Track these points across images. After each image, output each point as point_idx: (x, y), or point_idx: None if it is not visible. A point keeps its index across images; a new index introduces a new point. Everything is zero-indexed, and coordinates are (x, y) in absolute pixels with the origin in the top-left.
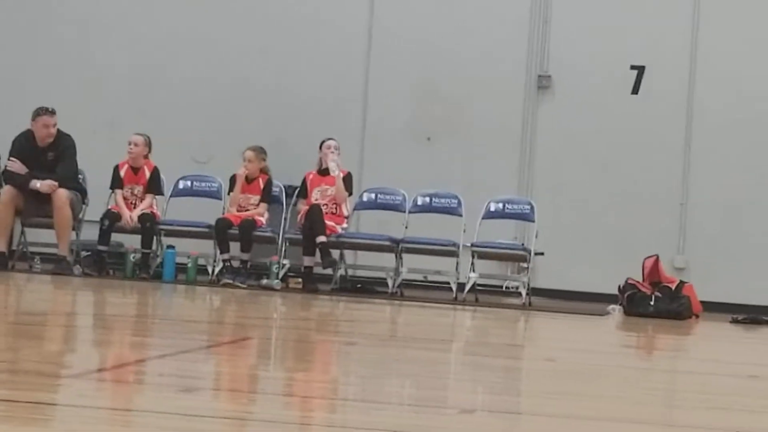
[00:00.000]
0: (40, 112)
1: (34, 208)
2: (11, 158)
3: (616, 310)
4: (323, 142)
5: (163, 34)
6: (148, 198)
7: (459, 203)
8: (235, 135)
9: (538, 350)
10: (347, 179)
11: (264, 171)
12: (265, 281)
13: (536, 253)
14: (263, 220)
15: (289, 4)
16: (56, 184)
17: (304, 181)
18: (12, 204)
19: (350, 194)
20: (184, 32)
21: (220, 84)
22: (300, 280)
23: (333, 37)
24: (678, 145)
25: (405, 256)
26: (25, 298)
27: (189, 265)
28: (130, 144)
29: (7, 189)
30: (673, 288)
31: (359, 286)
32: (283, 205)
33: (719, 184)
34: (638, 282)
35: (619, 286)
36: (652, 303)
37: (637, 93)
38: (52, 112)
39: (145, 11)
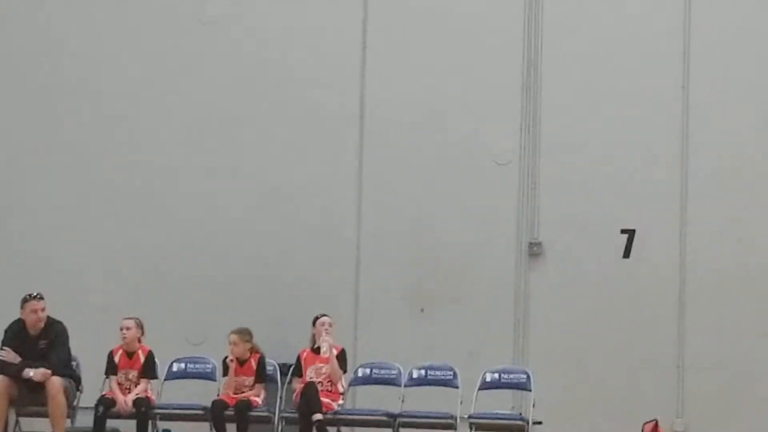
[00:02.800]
0: (28, 298)
1: (29, 397)
2: (4, 348)
3: None
4: (316, 318)
5: (154, 219)
6: (143, 383)
7: (454, 375)
8: (229, 315)
9: None
10: (341, 357)
11: (255, 350)
12: None
13: (534, 422)
14: (259, 400)
15: (279, 181)
16: (49, 372)
17: (298, 359)
18: (6, 393)
19: (345, 372)
20: (174, 218)
21: (211, 264)
22: None
23: (324, 214)
24: (672, 307)
25: (402, 430)
26: None
27: None
28: (122, 329)
29: (1, 379)
30: None
31: None
32: (278, 383)
33: (715, 346)
34: None
35: None
36: None
37: (628, 257)
38: (40, 298)
39: (136, 198)
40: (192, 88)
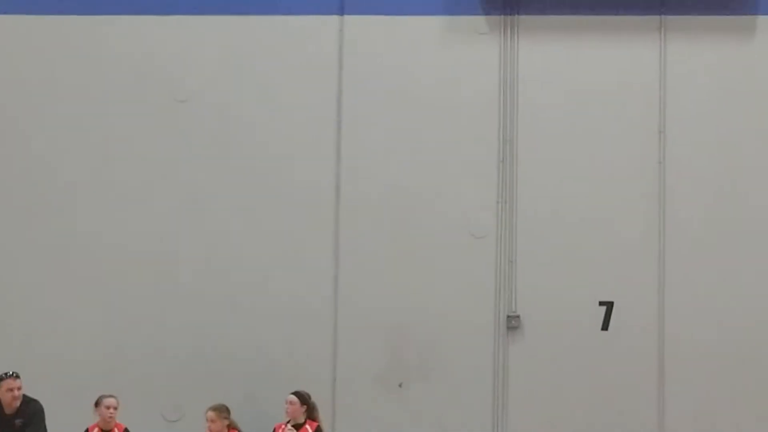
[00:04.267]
0: (4, 376)
1: None
2: None
3: None
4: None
5: (128, 296)
6: None
7: None
8: (205, 391)
9: None
10: None
11: (232, 426)
12: None
13: None
14: None
15: (254, 260)
16: None
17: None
18: None
19: None
20: (149, 295)
21: (187, 340)
22: None
23: (300, 289)
24: (651, 379)
25: None
26: None
27: None
28: (108, 408)
29: None
30: None
31: None
32: None
33: (694, 418)
34: None
35: None
36: None
37: (607, 329)
38: (16, 376)
39: (109, 277)
40: (166, 167)
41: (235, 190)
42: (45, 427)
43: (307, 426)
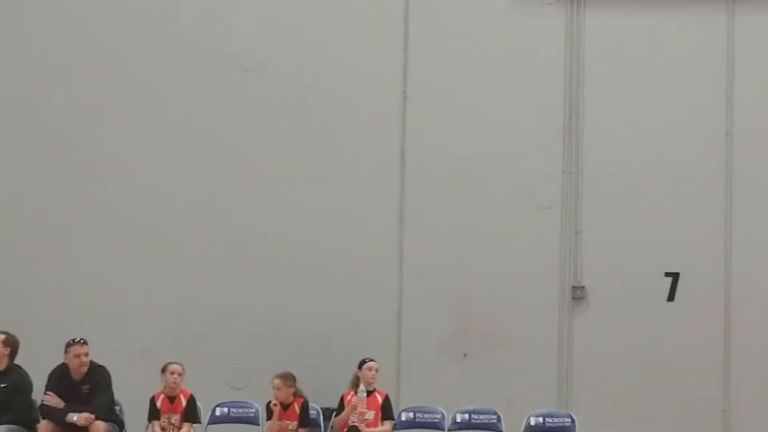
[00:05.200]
0: (71, 342)
1: None
2: (47, 392)
3: None
4: (363, 362)
5: (197, 264)
6: (186, 427)
7: (498, 419)
8: (271, 359)
9: None
10: (386, 404)
11: (298, 395)
12: None
13: None
14: None
15: (320, 228)
16: (93, 416)
17: (341, 401)
18: None
19: (392, 419)
20: (217, 263)
21: (253, 309)
22: None
23: (365, 260)
24: (717, 350)
25: None
26: None
27: None
28: (172, 374)
29: (45, 424)
30: None
31: None
32: (321, 428)
33: (762, 390)
34: None
35: None
36: None
37: (672, 300)
38: (83, 343)
39: (178, 246)
40: (229, 138)
41: (300, 160)
42: (112, 393)
43: (377, 394)
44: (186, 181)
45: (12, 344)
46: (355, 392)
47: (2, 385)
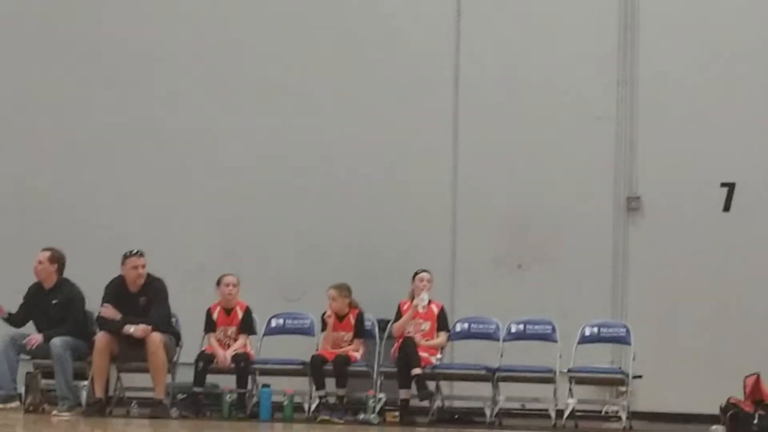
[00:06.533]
0: (128, 254)
1: (129, 353)
2: (105, 304)
3: (719, 430)
4: (416, 273)
5: (251, 177)
6: (242, 338)
7: (553, 329)
8: (325, 270)
9: None
10: (441, 315)
11: (353, 305)
12: (362, 416)
13: (634, 377)
14: (358, 355)
15: (377, 144)
16: (150, 328)
17: (399, 310)
18: (107, 350)
19: (447, 331)
20: (271, 177)
21: (308, 222)
22: (397, 413)
23: (420, 171)
24: None
25: (501, 384)
26: None
27: (285, 403)
28: (227, 285)
29: (102, 335)
30: None
31: (457, 417)
32: (376, 338)
33: None
34: (740, 401)
35: (721, 406)
36: (755, 422)
37: (728, 210)
38: (140, 254)
39: (235, 159)
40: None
41: (353, 79)
42: (168, 305)
43: (433, 306)
44: (240, 98)
45: (58, 259)
46: (412, 301)
47: (54, 301)
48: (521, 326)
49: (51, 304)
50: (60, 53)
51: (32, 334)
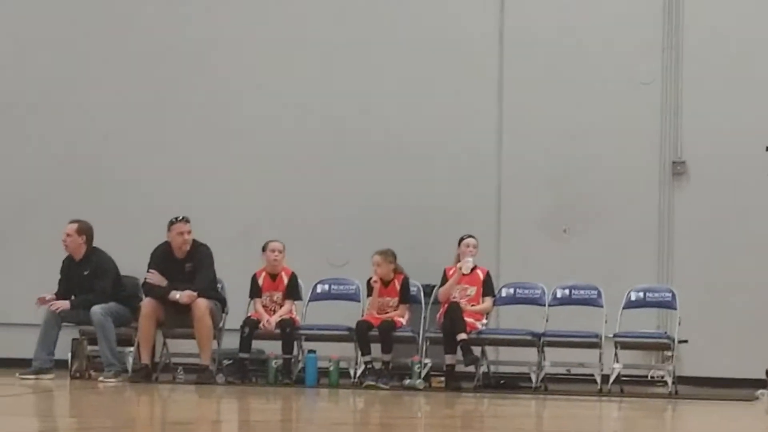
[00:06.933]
0: (174, 221)
1: (175, 319)
2: (150, 270)
3: (765, 394)
4: (462, 239)
5: (296, 143)
6: (287, 304)
7: (599, 294)
8: (370, 237)
9: None
10: (487, 280)
11: (398, 271)
12: (407, 381)
13: (680, 341)
14: (403, 321)
15: (421, 107)
16: (195, 294)
17: (444, 275)
18: (153, 316)
19: (493, 296)
20: (316, 141)
21: (353, 187)
22: (442, 378)
23: (464, 138)
24: None
25: (547, 349)
26: (170, 408)
27: (331, 368)
28: (274, 251)
29: (148, 301)
30: None
31: (502, 382)
32: (421, 304)
33: None
34: None
35: (767, 370)
36: None
37: None
38: (186, 221)
39: (279, 125)
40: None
41: (397, 41)
42: (214, 271)
43: (478, 271)
44: (286, 62)
45: (86, 231)
46: (459, 267)
47: (85, 272)
48: (566, 291)
49: (83, 275)
50: (109, 21)
51: (57, 300)
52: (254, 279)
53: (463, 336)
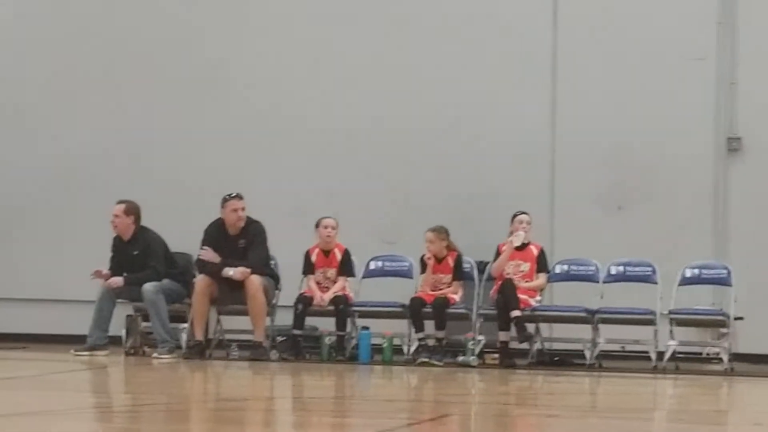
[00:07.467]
0: (228, 197)
1: (229, 296)
2: (204, 247)
3: None
4: (515, 215)
5: (347, 123)
6: (341, 280)
7: (654, 271)
8: (424, 213)
9: (744, 415)
10: (541, 256)
11: (451, 248)
12: (461, 358)
13: (736, 318)
14: (457, 297)
15: (475, 86)
16: (249, 270)
17: (497, 251)
18: (207, 293)
19: (547, 272)
20: (369, 120)
21: (405, 164)
22: (496, 355)
23: (518, 115)
24: None
25: (601, 326)
26: (224, 385)
27: (384, 345)
28: (327, 228)
29: (202, 278)
30: None
31: (556, 359)
32: (475, 281)
33: None
34: None
35: None
36: None
37: None
38: (240, 197)
39: (331, 107)
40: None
41: (449, 20)
42: (267, 247)
43: (532, 247)
44: (340, 44)
45: (134, 211)
46: (510, 243)
47: (135, 252)
48: (621, 268)
49: (133, 255)
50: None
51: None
52: (307, 255)
53: (516, 313)
